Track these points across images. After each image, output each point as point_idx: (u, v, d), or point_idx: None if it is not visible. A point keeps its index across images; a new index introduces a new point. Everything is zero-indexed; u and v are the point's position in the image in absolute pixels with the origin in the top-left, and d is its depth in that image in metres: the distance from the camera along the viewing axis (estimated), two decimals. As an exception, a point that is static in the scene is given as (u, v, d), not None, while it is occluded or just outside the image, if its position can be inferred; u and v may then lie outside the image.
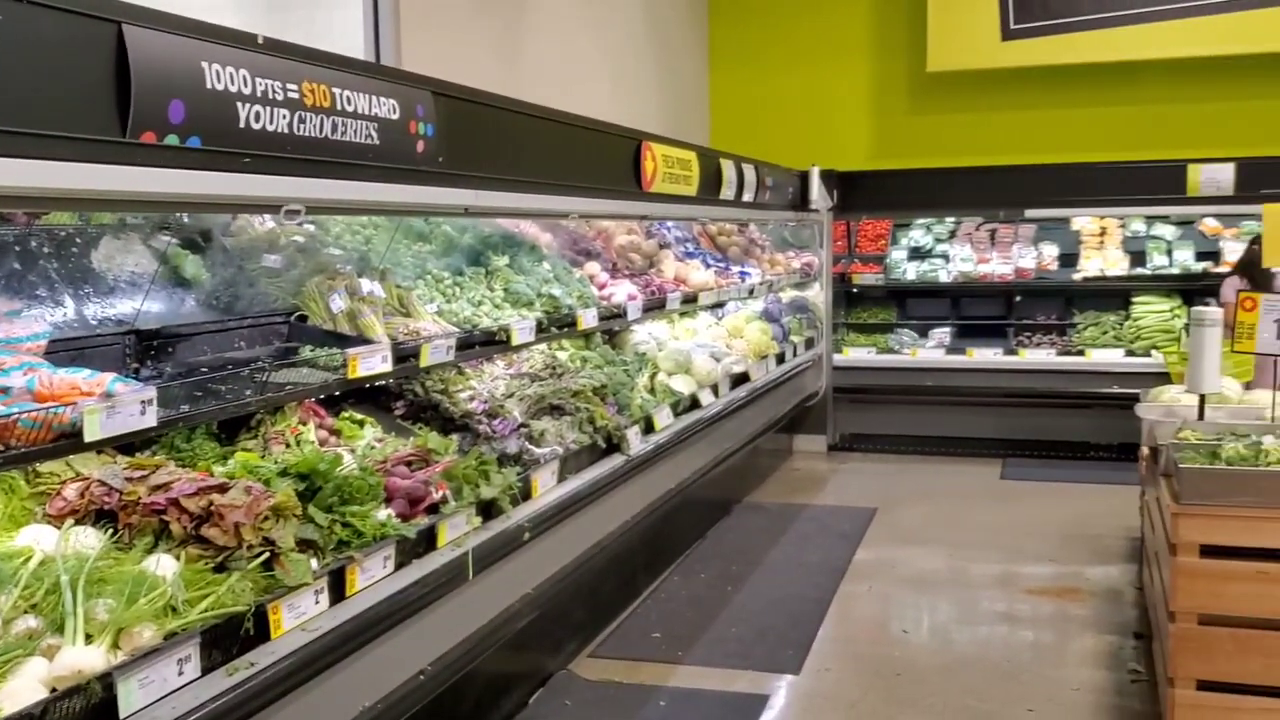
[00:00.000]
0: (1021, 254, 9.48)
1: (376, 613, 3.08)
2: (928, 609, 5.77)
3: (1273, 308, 4.49)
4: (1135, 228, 9.47)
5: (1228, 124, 9.59)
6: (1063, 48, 9.61)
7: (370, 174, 3.26)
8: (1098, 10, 9.50)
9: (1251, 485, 3.70)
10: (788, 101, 10.83)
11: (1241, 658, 3.72)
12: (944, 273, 9.59)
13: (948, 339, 9.42)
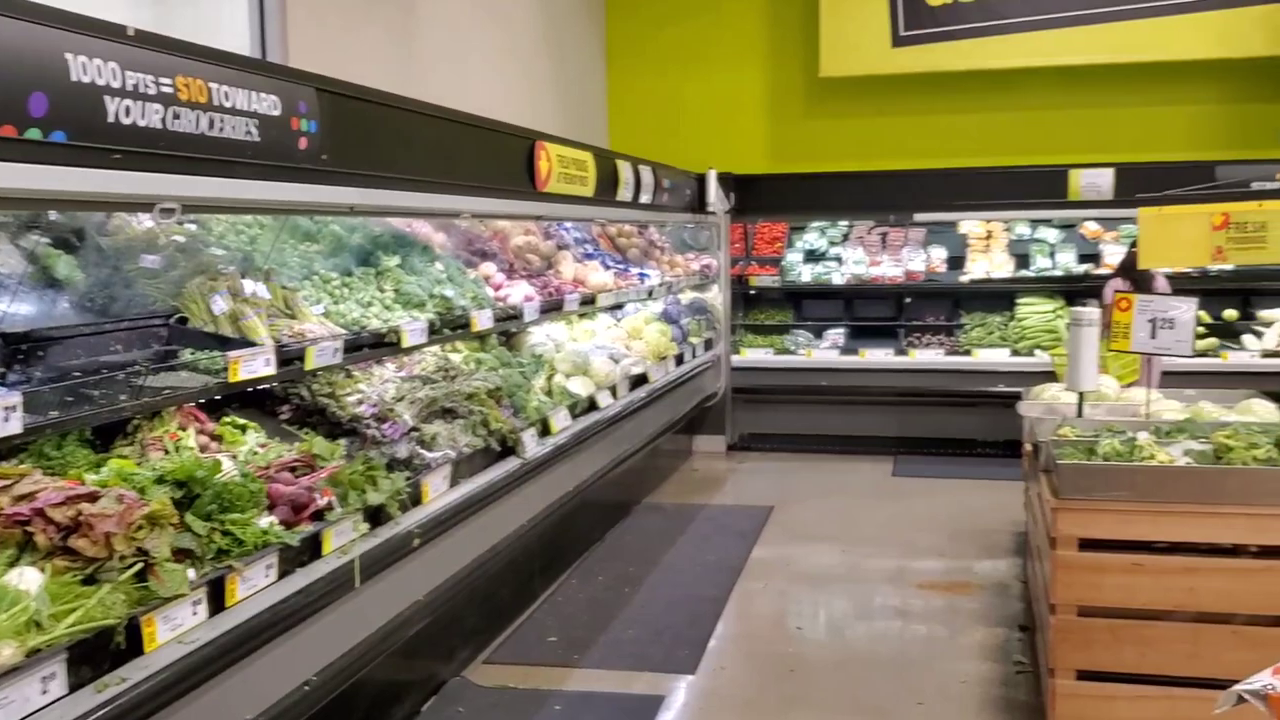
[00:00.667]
0: (911, 257, 9.69)
1: (258, 623, 3.00)
2: (822, 605, 5.85)
3: (1146, 308, 4.65)
4: (1020, 231, 9.74)
5: (1107, 130, 9.93)
6: (950, 55, 9.85)
7: (249, 172, 3.17)
8: (984, 19, 9.74)
9: (1126, 480, 3.83)
10: (685, 104, 10.90)
11: (1117, 647, 3.84)
12: (838, 275, 9.74)
13: (841, 340, 9.57)
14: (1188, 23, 9.35)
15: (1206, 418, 4.72)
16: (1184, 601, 3.84)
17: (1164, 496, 3.81)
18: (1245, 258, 6.05)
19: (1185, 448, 4.09)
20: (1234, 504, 3.79)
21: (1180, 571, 3.82)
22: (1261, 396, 5.26)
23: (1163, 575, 3.82)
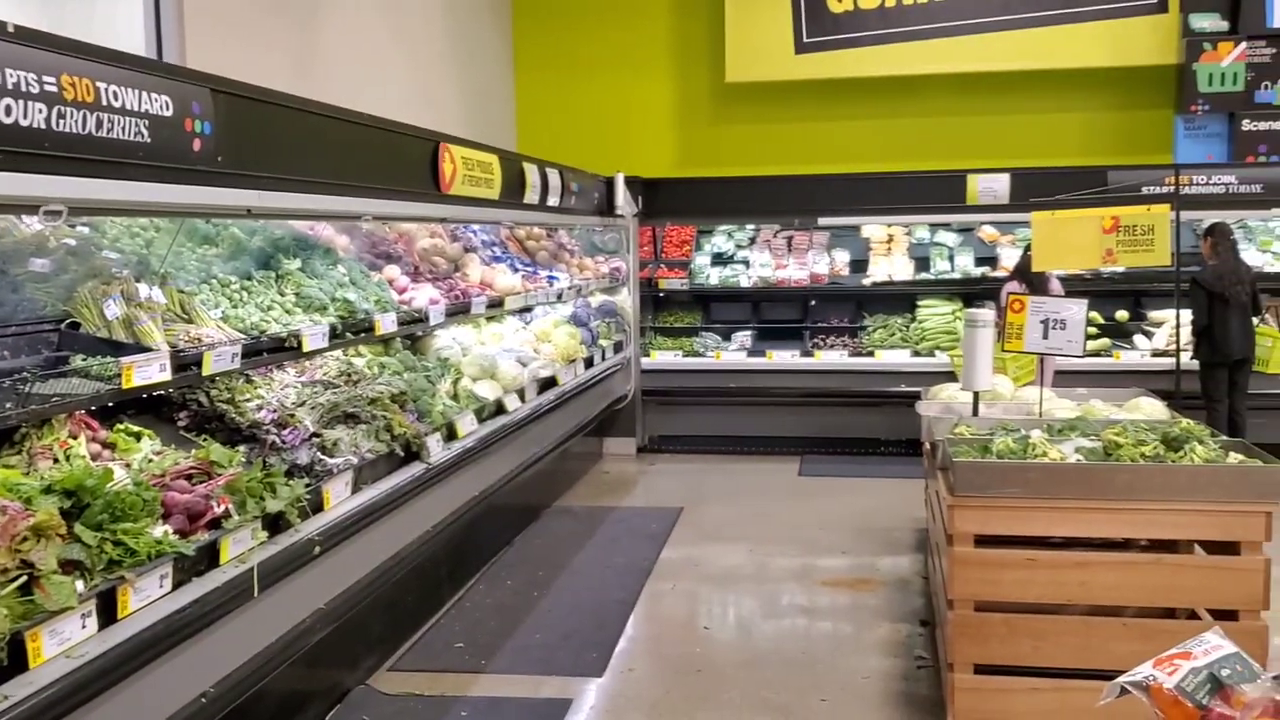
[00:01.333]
0: (816, 260, 9.83)
1: (152, 634, 2.93)
2: (729, 605, 5.91)
3: (1039, 309, 4.79)
4: (920, 235, 9.95)
5: (1004, 136, 10.21)
6: (852, 62, 10.03)
7: (141, 173, 3.10)
8: (884, 26, 9.95)
9: (1019, 477, 3.93)
10: (593, 108, 10.92)
11: (1013, 641, 3.94)
12: (745, 278, 9.85)
13: (749, 342, 9.67)
14: (1081, 31, 9.67)
15: (1097, 416, 4.88)
16: (1076, 595, 3.96)
17: (1056, 493, 3.92)
18: (1134, 260, 6.28)
19: (1076, 445, 4.22)
20: (1123, 499, 3.92)
21: (1072, 566, 3.94)
22: (1150, 395, 5.45)
23: (1056, 570, 3.93)
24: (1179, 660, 1.93)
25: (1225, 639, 2.02)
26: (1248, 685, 1.86)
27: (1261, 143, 9.12)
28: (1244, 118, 9.18)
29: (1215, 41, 9.20)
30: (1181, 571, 3.91)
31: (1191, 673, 1.90)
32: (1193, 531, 3.96)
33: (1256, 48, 9.17)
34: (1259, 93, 9.19)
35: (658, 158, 10.73)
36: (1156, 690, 1.90)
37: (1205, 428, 4.43)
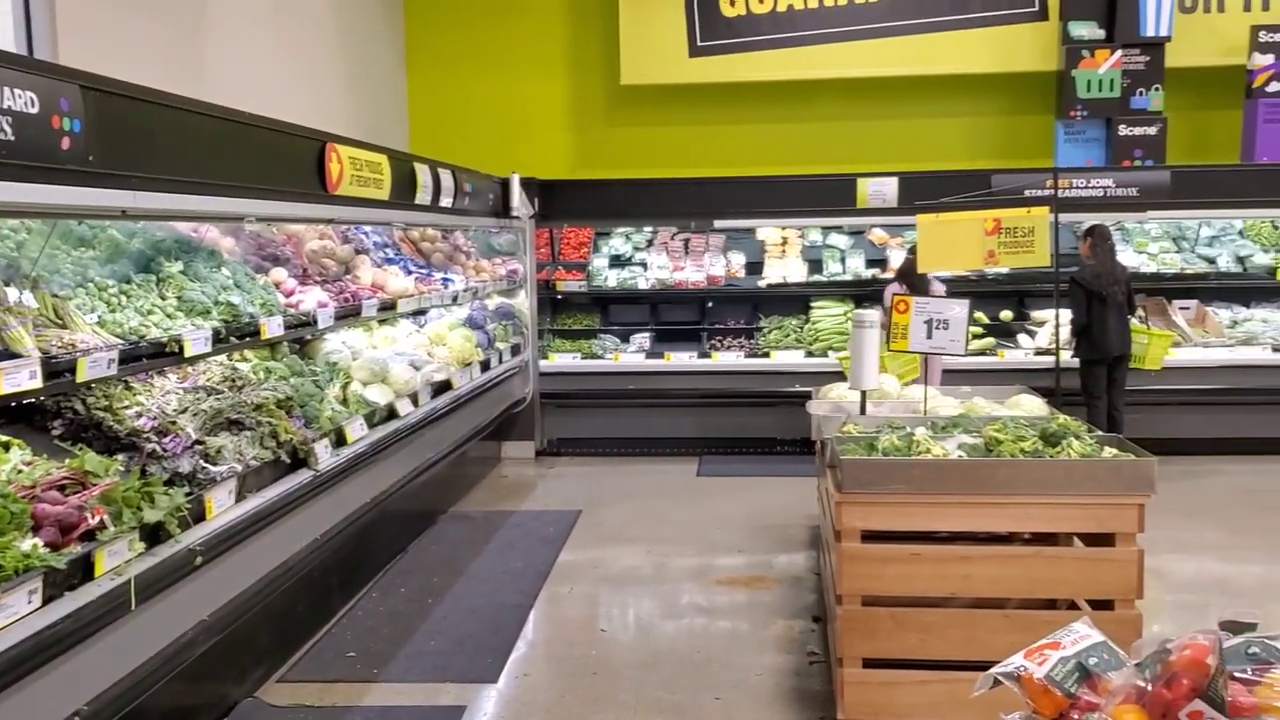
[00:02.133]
0: (713, 262, 9.91)
1: (20, 652, 2.82)
2: (626, 606, 5.91)
3: (923, 310, 4.90)
4: (813, 237, 10.11)
5: (893, 141, 10.43)
6: (745, 65, 10.15)
7: (4, 172, 2.97)
8: (776, 31, 10.09)
9: (904, 473, 4.01)
10: (488, 109, 10.86)
11: (900, 635, 4.02)
12: (643, 280, 9.88)
13: (648, 343, 9.70)
14: (966, 38, 9.93)
15: (980, 413, 5.00)
16: (960, 588, 4.05)
17: (939, 488, 4.01)
18: (1016, 261, 6.47)
19: (959, 442, 4.32)
20: (1003, 494, 4.03)
21: (956, 560, 4.03)
22: (1030, 392, 5.61)
23: (940, 564, 4.02)
24: (1049, 650, 1.99)
25: (1093, 629, 2.08)
26: (1113, 673, 1.93)
27: (1137, 147, 9.47)
28: (1120, 123, 9.52)
29: (1093, 49, 9.53)
30: (1059, 563, 4.03)
31: (1060, 662, 1.96)
32: (1070, 524, 4.09)
33: (1131, 55, 9.52)
34: (1134, 99, 9.54)
35: (554, 159, 10.71)
36: (1027, 680, 1.95)
37: (1082, 423, 4.57)
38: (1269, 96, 9.47)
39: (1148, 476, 3.94)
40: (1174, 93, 9.66)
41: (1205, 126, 10.11)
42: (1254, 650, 1.88)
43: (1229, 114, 9.84)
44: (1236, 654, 1.87)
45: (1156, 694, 1.73)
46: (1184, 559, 6.40)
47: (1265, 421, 8.74)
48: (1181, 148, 9.87)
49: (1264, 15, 9.71)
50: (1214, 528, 7.01)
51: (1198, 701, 1.68)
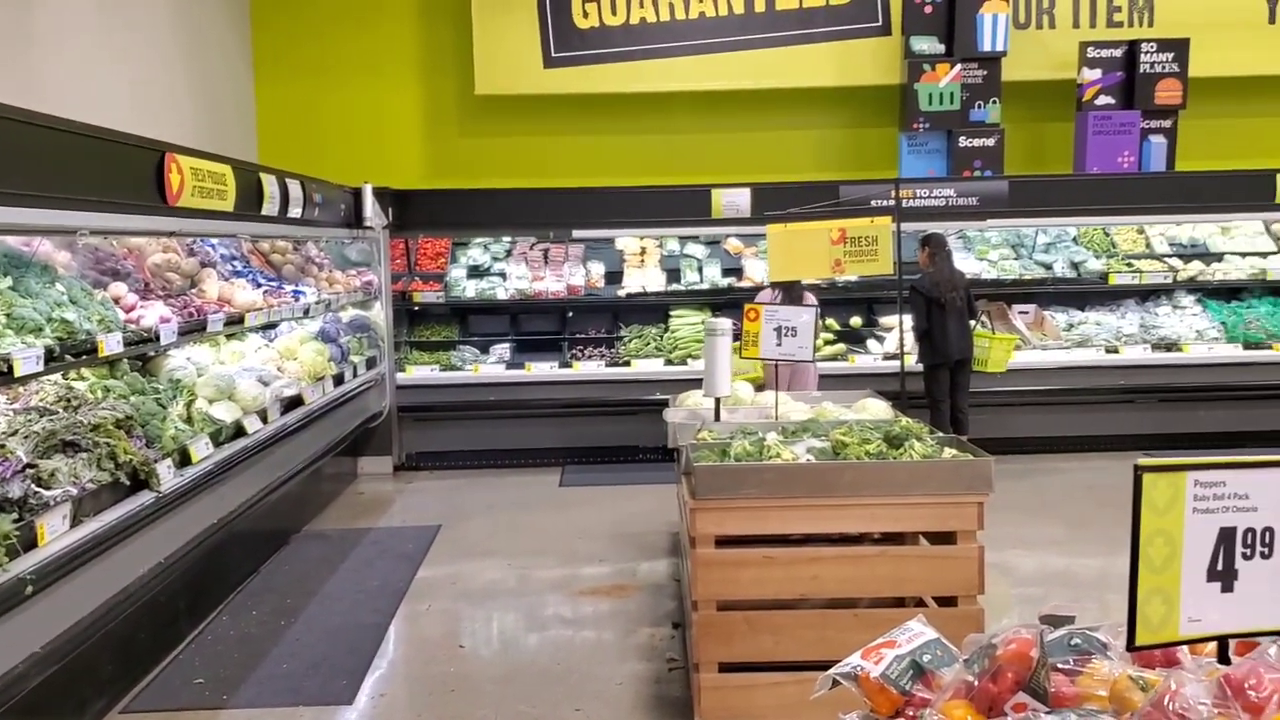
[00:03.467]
0: (573, 272, 9.93)
1: None
2: (486, 621, 5.86)
3: (772, 317, 5.00)
4: (671, 247, 10.22)
5: (745, 153, 10.62)
6: (600, 77, 10.20)
7: None
8: (630, 44, 10.17)
9: (755, 478, 4.08)
10: (340, 118, 10.66)
11: (754, 638, 4.09)
12: (502, 290, 9.82)
13: (508, 354, 9.64)
14: (812, 52, 10.19)
15: (829, 417, 5.13)
16: (811, 589, 4.14)
17: (789, 492, 4.09)
18: (861, 269, 6.68)
19: (808, 446, 4.42)
20: (849, 496, 4.13)
21: (806, 561, 4.12)
22: (877, 396, 5.78)
23: (791, 566, 4.11)
24: (885, 649, 2.05)
25: (927, 626, 2.15)
26: (945, 670, 2.00)
27: (977, 158, 9.86)
28: (960, 135, 9.90)
29: (933, 63, 9.89)
30: (905, 562, 4.16)
31: (896, 660, 2.02)
32: (914, 523, 4.22)
33: (970, 69, 9.91)
34: (973, 111, 9.93)
35: (408, 169, 10.57)
36: (865, 679, 2.01)
37: (924, 425, 4.73)
38: (1098, 109, 9.98)
39: (985, 476, 4.10)
40: (1010, 106, 10.10)
41: (1040, 138, 10.59)
42: (1076, 642, 1.97)
43: (1061, 126, 10.33)
44: (1060, 646, 1.96)
45: (983, 688, 1.80)
46: (1027, 554, 6.68)
47: (1101, 420, 9.20)
48: (1018, 158, 10.31)
49: (1092, 32, 10.23)
50: (1054, 523, 7.33)
51: (1021, 694, 1.75)
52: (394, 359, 9.43)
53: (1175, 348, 9.20)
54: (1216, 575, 1.74)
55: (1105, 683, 1.84)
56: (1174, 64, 9.90)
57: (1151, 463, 1.73)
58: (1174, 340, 9.25)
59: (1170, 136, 10.01)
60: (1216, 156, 10.24)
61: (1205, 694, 1.54)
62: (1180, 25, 10.11)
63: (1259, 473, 1.76)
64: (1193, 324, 9.40)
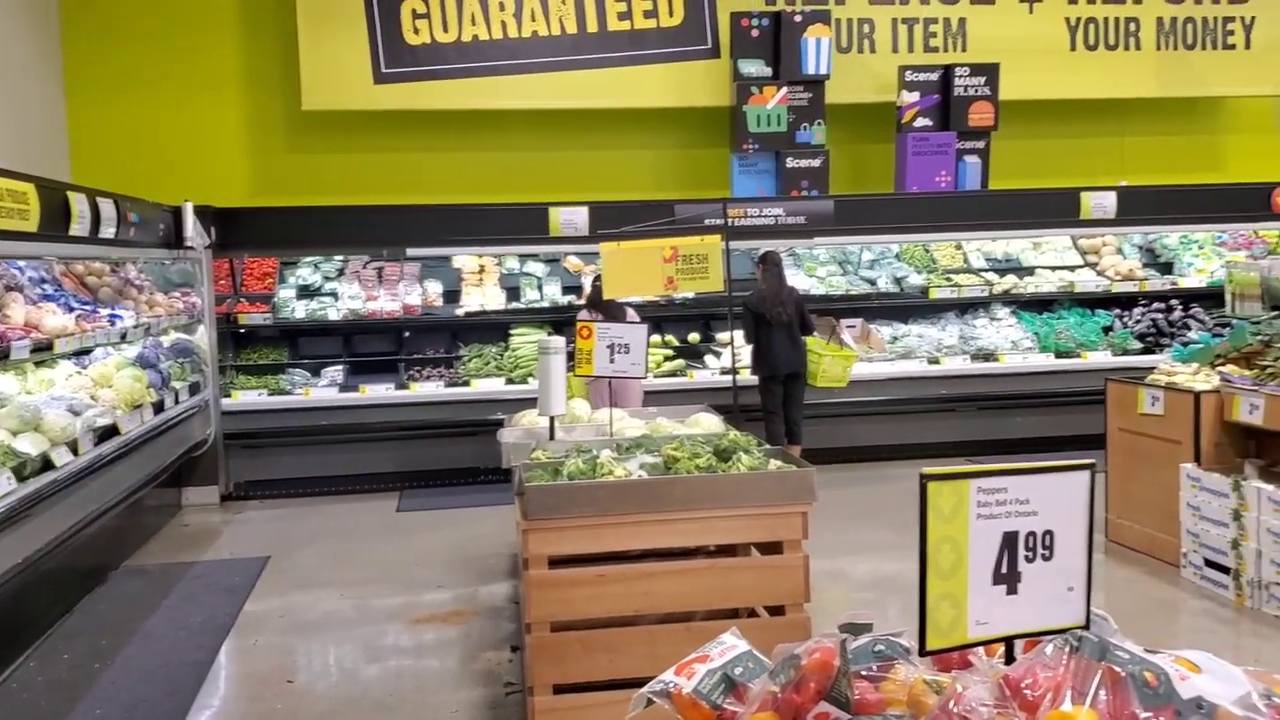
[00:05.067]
0: (408, 291, 9.77)
1: None
2: (318, 654, 5.68)
3: (605, 335, 5.02)
4: (510, 265, 10.17)
5: (583, 171, 10.66)
6: (432, 94, 10.09)
7: None
8: (463, 60, 10.09)
9: (587, 496, 4.08)
10: (158, 134, 10.24)
11: (588, 658, 4.08)
12: (334, 310, 9.59)
13: (341, 377, 9.41)
14: (646, 73, 10.31)
15: (662, 432, 5.17)
16: (643, 605, 4.16)
17: (621, 509, 4.10)
18: (693, 286, 6.78)
19: (641, 462, 4.45)
20: (681, 510, 4.17)
21: (639, 578, 4.14)
22: (710, 410, 5.86)
23: (624, 583, 4.12)
24: (697, 664, 2.06)
25: (740, 639, 2.18)
26: (756, 682, 2.02)
27: (804, 178, 10.15)
28: (788, 155, 10.17)
29: (761, 86, 10.14)
30: (734, 573, 4.22)
31: (708, 675, 2.04)
32: (743, 535, 4.29)
33: (795, 92, 10.20)
34: (799, 133, 10.22)
35: (232, 187, 10.22)
36: (677, 695, 2.01)
37: (752, 438, 4.82)
38: (916, 131, 10.40)
39: (809, 486, 4.20)
40: (835, 127, 10.43)
41: (863, 159, 10.97)
42: (880, 648, 2.02)
43: (883, 147, 10.72)
44: (865, 653, 2.01)
45: (787, 699, 1.83)
46: (860, 560, 6.87)
47: (925, 428, 9.56)
48: (843, 178, 10.66)
49: (910, 56, 10.67)
50: (885, 529, 7.56)
51: (823, 703, 1.79)
52: (219, 384, 9.09)
53: (992, 358, 9.65)
54: (1001, 578, 1.82)
55: (907, 687, 1.89)
56: (986, 87, 10.40)
57: (936, 472, 1.80)
58: (991, 351, 9.69)
59: (984, 157, 10.51)
60: (1027, 175, 10.79)
61: (988, 695, 1.60)
62: (991, 51, 10.64)
63: (1037, 479, 1.85)
64: (1008, 335, 9.88)
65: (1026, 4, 10.84)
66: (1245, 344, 6.40)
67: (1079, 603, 1.90)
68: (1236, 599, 5.66)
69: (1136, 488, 6.62)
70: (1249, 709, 1.67)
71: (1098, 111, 11.27)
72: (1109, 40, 10.95)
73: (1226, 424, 6.03)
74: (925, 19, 10.74)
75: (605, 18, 10.24)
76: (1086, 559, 1.92)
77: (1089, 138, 11.37)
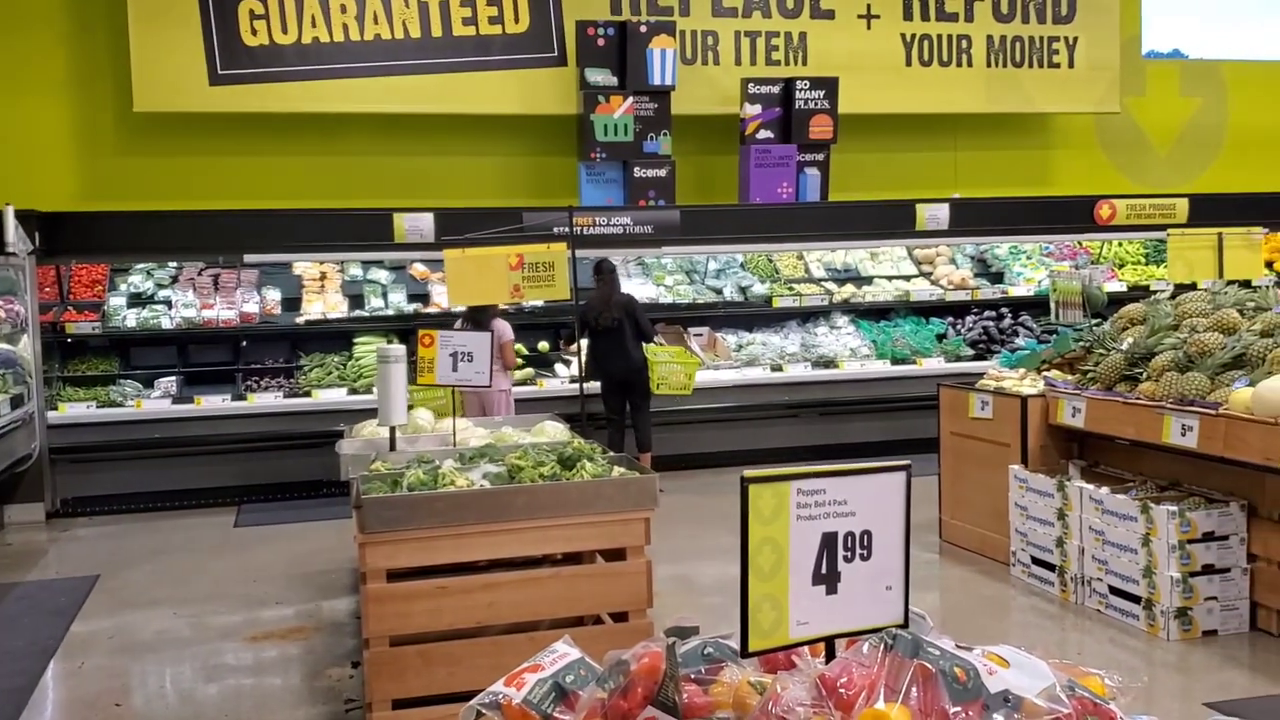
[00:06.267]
0: (246, 298, 9.47)
1: None
2: (150, 676, 5.44)
3: (447, 343, 4.97)
4: (354, 272, 9.97)
5: (428, 177, 10.51)
6: (272, 97, 9.81)
7: None
8: (303, 63, 9.84)
9: (427, 508, 4.03)
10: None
11: (429, 671, 4.02)
12: (168, 319, 9.23)
13: (175, 388, 9.06)
14: (491, 79, 10.24)
15: (508, 441, 5.15)
16: (488, 617, 4.13)
17: (463, 520, 4.06)
18: (539, 294, 6.78)
19: (484, 471, 4.41)
20: (524, 519, 4.16)
21: (481, 589, 4.11)
22: (556, 418, 5.86)
23: (466, 595, 4.08)
24: (528, 674, 2.06)
25: (573, 647, 2.18)
26: (586, 689, 2.03)
27: (651, 188, 10.23)
28: (635, 165, 10.24)
29: (607, 95, 10.19)
30: (578, 581, 4.23)
31: (538, 684, 2.03)
32: (587, 543, 4.30)
33: (642, 102, 10.29)
34: (646, 143, 10.30)
35: (58, 190, 9.70)
36: (507, 706, 2.00)
37: (597, 446, 4.84)
38: (759, 143, 10.61)
39: (650, 492, 4.24)
40: (681, 138, 10.55)
41: (708, 170, 11.13)
42: (709, 651, 2.05)
43: (727, 159, 10.90)
44: (695, 656, 2.04)
45: (614, 705, 1.84)
46: (707, 564, 6.95)
47: (771, 433, 9.77)
48: (689, 189, 10.77)
49: (753, 69, 10.88)
50: (731, 533, 7.53)
51: (650, 708, 1.81)
52: (44, 396, 8.63)
53: (833, 365, 9.92)
54: (821, 579, 1.87)
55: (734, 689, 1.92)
56: (825, 101, 10.69)
57: (756, 474, 1.84)
58: (831, 358, 9.97)
59: (824, 169, 10.79)
60: (864, 188, 11.14)
61: (806, 695, 1.65)
62: (831, 65, 10.94)
63: (855, 480, 1.91)
64: (847, 343, 10.18)
65: (864, 20, 11.18)
66: (1068, 350, 6.74)
67: (897, 601, 1.97)
68: (1062, 595, 5.93)
69: (968, 489, 6.90)
70: (1053, 700, 1.76)
71: (932, 126, 11.71)
72: (942, 57, 11.39)
73: (1051, 426, 6.33)
74: (767, 32, 10.96)
75: (450, 22, 10.14)
76: (904, 558, 1.99)
77: (924, 151, 11.80)
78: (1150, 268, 11.30)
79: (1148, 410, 5.51)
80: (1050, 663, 1.91)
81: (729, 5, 10.85)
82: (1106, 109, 11.88)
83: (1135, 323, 6.36)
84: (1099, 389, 6.02)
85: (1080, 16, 11.67)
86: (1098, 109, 11.93)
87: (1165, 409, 5.38)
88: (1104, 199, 10.86)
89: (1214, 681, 4.82)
